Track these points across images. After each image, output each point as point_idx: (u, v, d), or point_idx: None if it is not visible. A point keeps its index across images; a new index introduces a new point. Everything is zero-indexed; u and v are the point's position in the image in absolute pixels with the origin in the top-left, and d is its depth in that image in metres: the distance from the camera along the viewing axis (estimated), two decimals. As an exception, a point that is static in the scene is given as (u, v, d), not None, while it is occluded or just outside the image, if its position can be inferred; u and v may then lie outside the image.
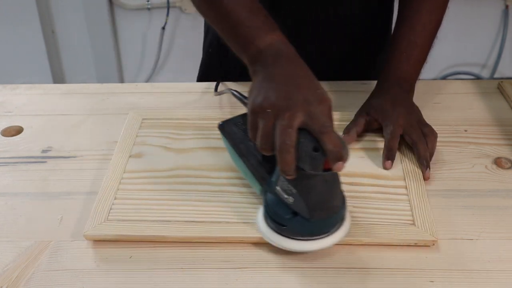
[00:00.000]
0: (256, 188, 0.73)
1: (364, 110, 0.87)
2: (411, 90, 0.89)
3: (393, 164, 0.80)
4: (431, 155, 0.81)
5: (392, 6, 1.05)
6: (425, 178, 0.78)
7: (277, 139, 0.61)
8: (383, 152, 0.81)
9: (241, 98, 0.80)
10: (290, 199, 0.65)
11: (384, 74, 0.90)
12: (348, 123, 0.87)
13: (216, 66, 1.09)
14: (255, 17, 0.72)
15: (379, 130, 0.85)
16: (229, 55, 1.04)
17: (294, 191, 0.64)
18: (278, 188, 0.66)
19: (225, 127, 0.76)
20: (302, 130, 0.62)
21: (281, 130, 0.61)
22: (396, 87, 0.88)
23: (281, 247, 0.67)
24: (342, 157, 0.60)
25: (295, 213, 0.65)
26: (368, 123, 0.85)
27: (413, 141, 0.81)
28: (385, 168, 0.79)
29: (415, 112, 0.85)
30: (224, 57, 1.06)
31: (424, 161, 0.78)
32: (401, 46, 0.89)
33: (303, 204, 0.64)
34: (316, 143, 0.61)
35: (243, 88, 1.00)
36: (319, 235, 0.66)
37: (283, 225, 0.66)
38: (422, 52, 0.90)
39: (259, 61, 0.69)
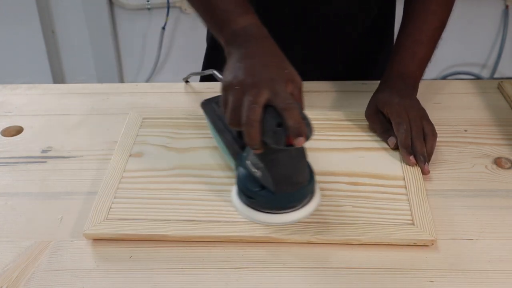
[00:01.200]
0: (232, 163, 0.76)
1: (373, 106, 0.88)
2: (415, 87, 0.90)
3: (392, 164, 0.80)
4: (430, 155, 0.80)
5: (394, 7, 1.05)
6: (424, 173, 0.78)
7: (243, 114, 0.65)
8: (400, 151, 0.81)
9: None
10: (258, 173, 0.69)
11: (388, 71, 0.91)
12: (348, 122, 0.88)
13: (221, 55, 1.09)
14: (229, 0, 0.76)
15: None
16: None
17: (261, 165, 0.68)
18: (248, 162, 0.70)
19: (206, 105, 0.82)
20: (268, 107, 0.65)
21: (247, 106, 0.65)
22: (401, 83, 0.88)
23: (250, 219, 0.71)
24: (302, 133, 0.63)
25: (262, 187, 0.69)
26: (384, 118, 0.86)
27: (411, 136, 0.81)
28: (410, 164, 0.79)
29: (420, 108, 0.86)
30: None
31: (420, 157, 0.79)
32: (406, 43, 0.91)
33: (269, 177, 0.68)
34: (280, 119, 0.64)
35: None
36: (285, 209, 0.70)
37: (252, 198, 0.70)
38: (427, 51, 0.91)
39: (233, 42, 0.73)
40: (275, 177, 0.68)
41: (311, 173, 0.72)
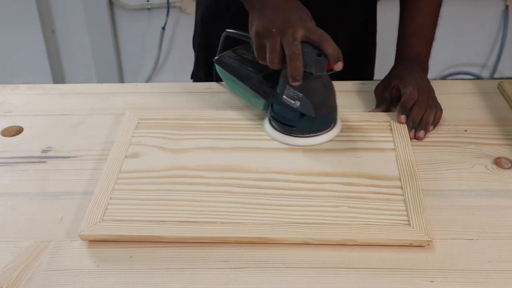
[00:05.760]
0: (260, 104, 0.87)
1: (385, 83, 0.94)
2: (425, 68, 0.96)
3: (388, 165, 0.80)
4: (436, 124, 0.87)
5: (375, 11, 1.09)
6: (410, 138, 0.84)
7: (286, 51, 0.75)
8: (397, 109, 0.88)
9: (241, 34, 0.89)
10: (297, 103, 0.81)
11: (398, 55, 1.00)
12: (345, 123, 0.88)
13: (211, 34, 1.10)
14: None
15: (376, 130, 0.86)
16: (221, 21, 1.06)
17: (300, 95, 0.80)
18: (284, 97, 0.81)
19: (222, 60, 0.90)
20: (303, 42, 0.75)
21: (288, 44, 0.75)
22: (412, 62, 0.95)
23: (292, 144, 0.83)
24: (340, 58, 0.74)
25: (302, 115, 0.81)
26: (390, 95, 0.92)
27: (415, 101, 0.87)
28: (398, 121, 0.87)
29: (430, 85, 0.91)
30: (216, 24, 1.07)
31: (410, 123, 0.85)
32: (409, 28, 0.98)
33: (309, 104, 0.80)
34: (319, 50, 0.75)
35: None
36: (323, 131, 0.83)
37: (293, 126, 0.82)
38: (430, 32, 0.98)
39: None
40: (315, 102, 0.80)
41: (335, 98, 0.84)
